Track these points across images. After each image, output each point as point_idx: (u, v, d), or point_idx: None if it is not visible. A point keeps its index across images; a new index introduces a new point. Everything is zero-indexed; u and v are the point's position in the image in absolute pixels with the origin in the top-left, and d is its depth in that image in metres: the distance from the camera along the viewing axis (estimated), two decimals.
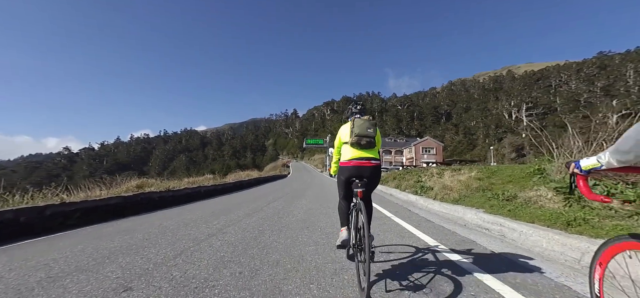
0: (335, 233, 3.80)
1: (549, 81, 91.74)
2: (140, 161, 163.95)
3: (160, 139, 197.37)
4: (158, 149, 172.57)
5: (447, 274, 2.27)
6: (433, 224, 4.49)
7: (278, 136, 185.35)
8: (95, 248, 3.06)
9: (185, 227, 4.24)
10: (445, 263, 2.59)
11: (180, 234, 3.71)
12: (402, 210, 6.13)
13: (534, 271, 2.33)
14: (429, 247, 3.14)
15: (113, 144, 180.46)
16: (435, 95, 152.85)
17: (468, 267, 2.44)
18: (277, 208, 6.33)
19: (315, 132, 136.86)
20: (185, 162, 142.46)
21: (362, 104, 2.55)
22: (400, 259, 2.72)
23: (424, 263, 2.59)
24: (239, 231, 3.92)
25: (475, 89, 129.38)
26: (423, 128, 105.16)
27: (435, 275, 2.26)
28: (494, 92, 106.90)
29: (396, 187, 11.52)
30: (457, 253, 2.83)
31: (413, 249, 3.07)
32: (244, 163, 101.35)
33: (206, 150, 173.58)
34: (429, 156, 57.38)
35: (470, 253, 2.89)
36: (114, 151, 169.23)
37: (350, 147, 2.27)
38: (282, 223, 4.52)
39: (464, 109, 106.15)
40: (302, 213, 5.58)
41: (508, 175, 6.08)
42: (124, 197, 5.81)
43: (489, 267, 2.43)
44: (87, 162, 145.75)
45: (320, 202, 7.61)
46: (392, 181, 12.97)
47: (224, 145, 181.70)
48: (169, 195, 7.50)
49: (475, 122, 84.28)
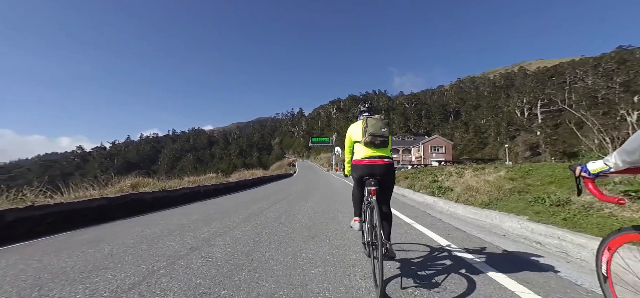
0: (347, 246, 3.06)
1: (563, 77, 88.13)
2: (149, 160, 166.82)
3: (168, 138, 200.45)
4: (167, 148, 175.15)
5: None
6: (465, 234, 3.70)
7: (284, 135, 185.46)
8: (36, 270, 2.39)
9: (167, 236, 3.57)
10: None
11: (156, 248, 3.03)
12: (422, 215, 5.34)
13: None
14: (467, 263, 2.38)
15: (123, 143, 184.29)
16: (443, 93, 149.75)
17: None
18: (280, 212, 5.64)
19: (321, 131, 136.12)
20: (192, 161, 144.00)
21: (371, 102, 2.57)
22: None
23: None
24: (229, 243, 3.23)
25: (485, 87, 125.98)
26: (431, 126, 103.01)
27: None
28: (505, 89, 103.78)
29: (409, 187, 10.68)
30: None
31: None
32: (250, 163, 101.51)
33: (213, 149, 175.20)
34: (438, 155, 55.85)
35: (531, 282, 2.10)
36: (124, 150, 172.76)
37: (363, 146, 2.26)
38: (283, 232, 3.81)
39: (474, 107, 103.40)
40: (307, 219, 4.86)
41: (548, 175, 5.20)
42: (110, 198, 5.21)
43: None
44: (98, 160, 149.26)
45: (327, 204, 6.88)
46: (404, 181, 12.12)
47: (230, 145, 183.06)
48: (163, 196, 6.90)
49: (486, 120, 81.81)
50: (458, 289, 1.96)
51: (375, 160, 2.23)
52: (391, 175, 2.28)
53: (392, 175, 2.30)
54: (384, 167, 2.23)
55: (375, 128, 2.20)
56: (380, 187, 2.17)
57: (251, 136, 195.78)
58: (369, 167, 2.23)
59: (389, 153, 2.33)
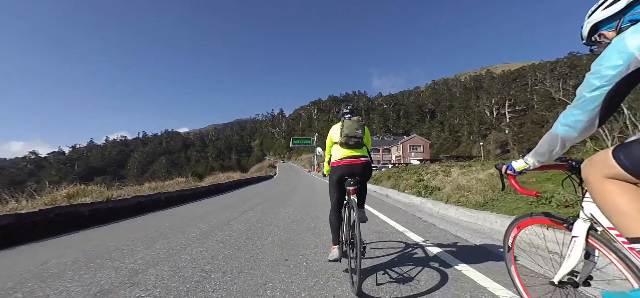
0: (329, 273, 2.31)
1: (525, 80, 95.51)
2: (117, 165, 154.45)
3: (138, 141, 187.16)
4: (136, 152, 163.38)
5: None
6: (473, 247, 3.11)
7: (264, 136, 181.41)
8: None
9: (77, 269, 2.56)
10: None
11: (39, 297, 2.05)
12: (412, 219, 4.76)
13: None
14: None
15: (86, 147, 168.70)
16: (419, 94, 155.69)
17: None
18: (250, 223, 4.75)
19: (302, 132, 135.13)
20: (165, 164, 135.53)
21: (353, 105, 2.62)
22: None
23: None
24: (165, 276, 2.33)
25: (457, 88, 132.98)
26: (409, 126, 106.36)
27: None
28: (475, 90, 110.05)
29: (393, 187, 10.22)
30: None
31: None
32: (228, 165, 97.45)
33: (188, 152, 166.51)
34: (416, 154, 57.42)
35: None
36: (86, 155, 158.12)
37: (340, 147, 2.33)
38: (249, 253, 2.97)
39: (448, 107, 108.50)
40: (282, 231, 4.04)
41: (543, 172, 4.86)
42: (21, 214, 3.98)
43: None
44: (56, 166, 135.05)
45: (307, 209, 6.09)
46: (387, 180, 11.69)
47: (207, 147, 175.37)
48: (108, 207, 5.68)
49: (459, 119, 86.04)
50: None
51: (353, 159, 2.28)
52: (368, 174, 2.34)
53: (369, 174, 2.35)
54: (362, 166, 2.28)
55: (350, 129, 2.27)
56: (358, 186, 2.23)
57: (230, 138, 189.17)
58: (347, 166, 2.27)
59: (366, 152, 2.37)
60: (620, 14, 0.96)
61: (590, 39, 1.09)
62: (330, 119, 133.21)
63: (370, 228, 4.09)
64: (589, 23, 1.07)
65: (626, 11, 0.95)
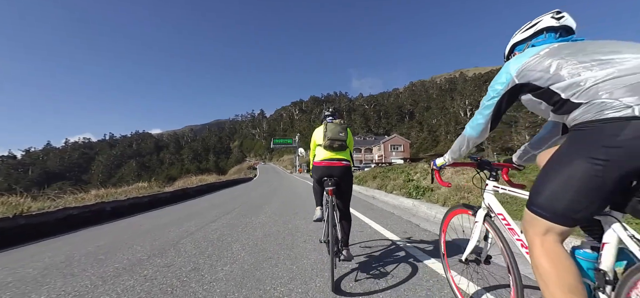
0: None
1: None
2: (79, 169, 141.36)
3: (105, 143, 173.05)
4: (102, 155, 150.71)
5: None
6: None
7: (244, 137, 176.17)
8: None
9: None
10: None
11: None
12: (409, 228, 3.99)
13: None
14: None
15: (42, 150, 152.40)
16: (398, 96, 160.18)
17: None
18: (209, 240, 3.70)
19: (284, 132, 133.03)
20: (135, 168, 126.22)
21: (335, 108, 2.70)
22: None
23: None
24: None
25: (434, 90, 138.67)
26: (390, 126, 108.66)
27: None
28: (450, 92, 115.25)
29: (379, 188, 9.55)
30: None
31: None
32: (205, 167, 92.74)
33: (162, 154, 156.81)
34: (397, 153, 58.38)
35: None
36: (42, 158, 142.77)
37: (323, 149, 2.41)
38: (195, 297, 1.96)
39: (425, 108, 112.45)
40: (248, 252, 3.06)
41: None
42: None
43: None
44: (4, 172, 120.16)
45: (285, 217, 5.12)
46: (373, 181, 11.02)
47: (183, 149, 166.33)
48: (17, 225, 4.29)
49: (436, 120, 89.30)
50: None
51: (333, 162, 2.36)
52: (348, 177, 2.40)
53: (349, 177, 2.41)
54: (341, 169, 2.36)
55: (333, 132, 2.35)
56: (338, 187, 2.32)
57: (207, 139, 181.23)
58: (327, 168, 2.35)
59: (348, 155, 2.44)
60: (528, 39, 1.19)
61: (508, 56, 1.29)
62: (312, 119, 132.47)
63: (360, 242, 3.25)
64: (510, 43, 1.29)
65: (531, 38, 1.18)
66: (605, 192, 0.83)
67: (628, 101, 0.78)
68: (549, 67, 0.94)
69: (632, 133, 0.76)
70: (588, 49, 0.92)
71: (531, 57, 1.01)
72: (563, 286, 0.85)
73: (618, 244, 0.89)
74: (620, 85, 0.80)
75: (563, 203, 0.88)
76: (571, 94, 0.88)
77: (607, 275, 0.89)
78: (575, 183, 0.86)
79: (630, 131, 0.76)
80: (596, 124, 0.83)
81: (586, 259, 0.96)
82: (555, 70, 0.93)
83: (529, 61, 1.01)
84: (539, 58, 0.99)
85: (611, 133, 0.80)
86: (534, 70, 0.98)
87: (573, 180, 0.86)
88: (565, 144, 0.93)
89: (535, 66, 0.98)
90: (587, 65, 0.87)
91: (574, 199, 0.86)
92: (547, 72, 0.94)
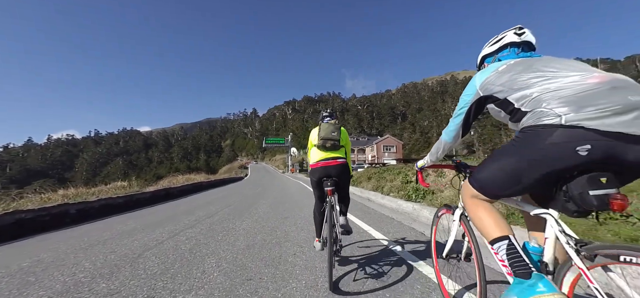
0: None
1: None
2: (62, 166, 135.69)
3: (90, 140, 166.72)
4: (87, 152, 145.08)
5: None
6: None
7: (236, 136, 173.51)
8: None
9: None
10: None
11: None
12: (411, 235, 3.49)
13: None
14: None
15: (22, 147, 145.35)
16: (391, 97, 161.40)
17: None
18: (179, 252, 3.08)
19: (276, 132, 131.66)
20: (122, 166, 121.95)
21: (332, 109, 2.78)
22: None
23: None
24: None
25: (425, 92, 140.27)
26: (382, 127, 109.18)
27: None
28: (441, 94, 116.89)
29: (375, 189, 9.08)
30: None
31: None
32: (195, 166, 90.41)
33: (150, 153, 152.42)
34: (390, 154, 58.46)
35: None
36: (22, 155, 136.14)
37: (317, 150, 2.43)
38: None
39: (417, 110, 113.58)
40: (223, 272, 2.48)
41: None
42: None
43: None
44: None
45: (274, 224, 4.53)
46: (368, 182, 10.55)
47: (172, 147, 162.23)
48: None
49: (428, 121, 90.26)
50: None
51: (329, 161, 2.36)
52: (346, 175, 2.43)
53: (347, 174, 2.44)
54: (338, 167, 2.36)
55: (326, 132, 2.37)
56: (337, 186, 2.33)
57: (198, 137, 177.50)
58: (324, 168, 2.36)
59: (343, 153, 2.44)
60: (495, 53, 1.32)
61: (480, 66, 1.42)
62: (305, 119, 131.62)
63: (362, 257, 2.71)
64: (480, 55, 1.41)
65: (497, 53, 1.31)
66: (524, 184, 1.00)
67: (559, 111, 0.89)
68: (506, 81, 1.07)
69: (555, 138, 0.89)
70: (536, 66, 1.05)
71: (491, 73, 1.14)
72: (489, 223, 1.09)
73: (556, 238, 1.01)
74: (557, 97, 0.92)
75: (490, 184, 1.10)
76: (521, 103, 1.00)
77: (548, 266, 1.03)
78: (504, 174, 1.04)
79: (555, 137, 0.88)
80: (534, 129, 0.94)
81: (534, 252, 1.08)
82: (510, 84, 1.05)
83: (490, 77, 1.14)
84: (497, 74, 1.12)
85: (542, 137, 0.91)
86: (494, 84, 1.11)
87: (503, 171, 1.05)
88: (511, 140, 1.05)
89: (495, 81, 1.11)
90: (534, 80, 1.00)
91: (500, 185, 1.07)
92: (504, 86, 1.07)
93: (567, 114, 0.86)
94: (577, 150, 0.86)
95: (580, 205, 0.90)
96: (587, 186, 0.88)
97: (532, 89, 0.98)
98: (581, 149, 0.85)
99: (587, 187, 0.88)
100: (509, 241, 1.02)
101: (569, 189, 0.92)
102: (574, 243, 0.92)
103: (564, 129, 0.86)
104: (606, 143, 0.83)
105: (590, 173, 0.89)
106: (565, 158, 0.88)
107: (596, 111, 0.84)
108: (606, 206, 0.86)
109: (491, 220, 1.08)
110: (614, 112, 0.83)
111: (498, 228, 1.05)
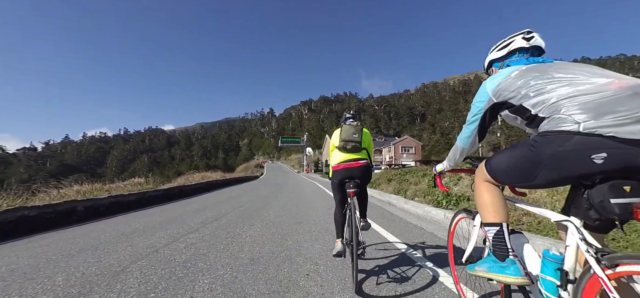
0: None
1: None
2: (95, 162, 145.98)
3: (119, 138, 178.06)
4: (116, 149, 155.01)
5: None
6: None
7: (253, 135, 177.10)
8: None
9: None
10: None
11: None
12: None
13: None
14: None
15: (60, 143, 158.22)
16: (409, 97, 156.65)
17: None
18: (173, 266, 2.60)
19: (292, 131, 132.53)
20: (147, 163, 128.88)
21: (355, 111, 2.77)
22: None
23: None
24: None
25: (447, 92, 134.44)
26: (400, 128, 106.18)
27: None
28: (463, 94, 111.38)
29: (396, 193, 8.28)
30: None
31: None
32: (214, 164, 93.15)
33: (173, 150, 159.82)
34: (408, 155, 56.42)
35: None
36: (61, 151, 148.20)
37: (338, 151, 2.41)
38: None
39: (438, 110, 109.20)
40: (217, 296, 1.92)
41: None
42: None
43: None
44: (25, 163, 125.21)
45: (285, 230, 3.97)
46: (387, 184, 9.73)
47: (193, 145, 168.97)
48: None
49: (449, 122, 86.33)
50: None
51: (351, 163, 2.32)
52: (368, 174, 2.40)
53: (369, 176, 2.41)
54: (360, 168, 2.32)
55: (347, 134, 2.34)
56: (358, 188, 2.29)
57: (217, 136, 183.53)
58: (346, 170, 2.32)
59: (365, 154, 2.41)
60: (503, 58, 1.29)
61: (487, 70, 1.40)
62: (321, 119, 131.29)
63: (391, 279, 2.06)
64: (487, 59, 1.38)
65: (505, 58, 1.28)
66: (534, 183, 1.02)
67: (578, 118, 0.87)
68: (521, 87, 1.05)
69: (571, 145, 0.88)
70: (550, 72, 1.03)
71: (504, 79, 1.12)
72: (489, 207, 1.17)
73: (577, 247, 0.96)
74: (575, 103, 0.90)
75: (502, 174, 1.14)
76: (539, 109, 0.99)
77: (569, 275, 0.97)
78: (517, 170, 1.07)
79: (571, 144, 0.87)
80: (553, 134, 0.93)
81: (552, 260, 1.02)
82: (525, 91, 1.03)
83: (502, 83, 1.11)
84: (510, 80, 1.10)
85: (560, 143, 0.90)
86: (507, 90, 1.09)
87: (516, 168, 1.08)
88: (529, 140, 1.03)
89: (508, 87, 1.09)
90: (550, 86, 0.99)
91: (511, 177, 1.12)
92: (518, 92, 1.05)
93: (586, 121, 0.85)
94: (592, 158, 0.84)
95: (602, 213, 0.87)
96: (609, 194, 0.85)
97: (549, 95, 0.97)
98: (596, 156, 0.84)
99: (609, 195, 0.85)
100: (500, 227, 1.12)
101: (590, 197, 0.90)
102: (595, 252, 0.88)
103: (581, 137, 0.85)
104: (625, 151, 0.81)
105: (612, 181, 0.86)
106: (579, 165, 0.88)
107: (616, 118, 0.82)
108: (630, 215, 0.82)
109: (492, 205, 1.16)
110: (635, 119, 0.80)
111: (495, 214, 1.14)
